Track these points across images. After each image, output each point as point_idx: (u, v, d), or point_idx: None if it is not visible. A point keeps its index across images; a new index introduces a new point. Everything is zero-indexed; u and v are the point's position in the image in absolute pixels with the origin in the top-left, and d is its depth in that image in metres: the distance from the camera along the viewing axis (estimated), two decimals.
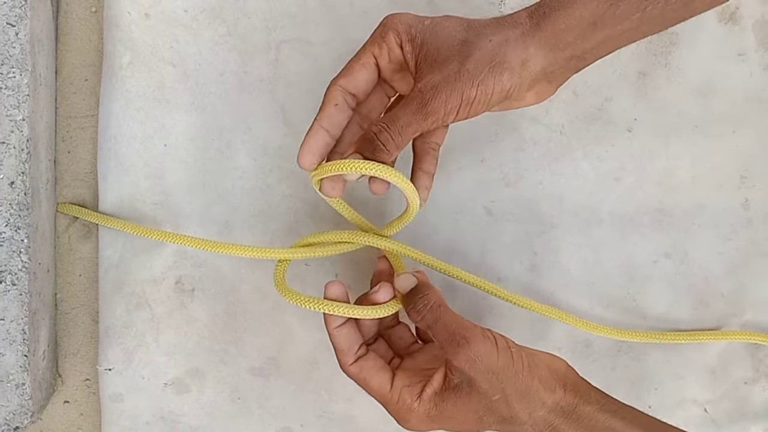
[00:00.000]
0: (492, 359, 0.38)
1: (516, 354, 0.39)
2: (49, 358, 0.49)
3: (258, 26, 0.48)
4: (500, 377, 0.38)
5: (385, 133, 0.38)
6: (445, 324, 0.39)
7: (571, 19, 0.36)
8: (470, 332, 0.38)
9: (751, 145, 0.50)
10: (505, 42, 0.37)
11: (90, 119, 0.49)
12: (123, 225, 0.47)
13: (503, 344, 0.39)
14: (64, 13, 0.49)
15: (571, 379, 0.40)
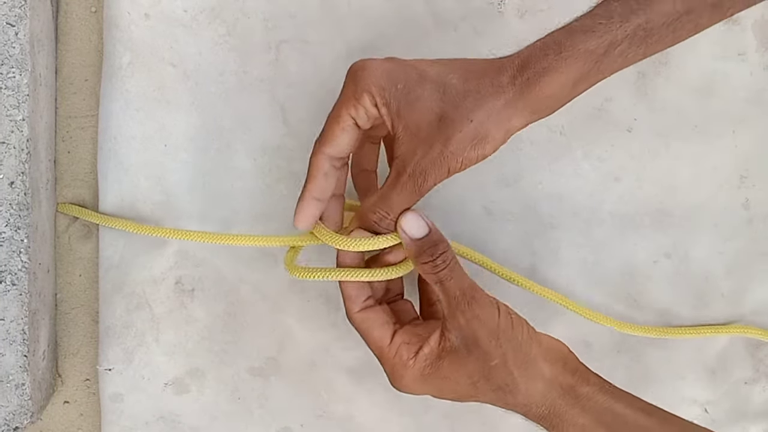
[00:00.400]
0: (494, 322, 0.38)
1: (517, 321, 0.39)
2: (48, 358, 0.49)
3: (258, 26, 0.48)
4: (501, 341, 0.38)
5: (386, 221, 0.40)
6: (457, 281, 0.39)
7: (556, 85, 0.37)
8: (478, 293, 0.39)
9: (751, 145, 0.50)
10: (487, 119, 0.37)
11: (90, 119, 0.49)
12: (123, 224, 0.47)
13: (506, 310, 0.39)
14: (63, 13, 0.49)
15: (571, 361, 0.40)
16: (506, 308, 0.40)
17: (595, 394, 0.39)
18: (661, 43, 0.37)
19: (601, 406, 0.39)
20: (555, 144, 0.49)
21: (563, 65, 0.36)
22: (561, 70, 0.36)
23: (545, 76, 0.36)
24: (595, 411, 0.39)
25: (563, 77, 0.36)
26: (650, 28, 0.36)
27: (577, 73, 0.36)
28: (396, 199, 0.39)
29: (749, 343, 0.52)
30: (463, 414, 0.51)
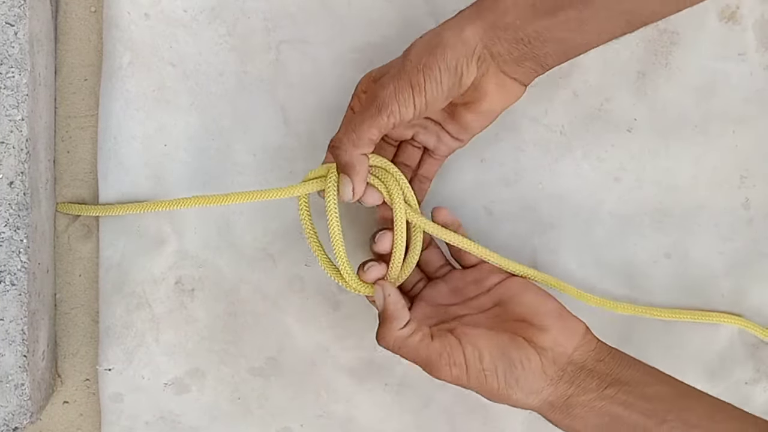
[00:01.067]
0: (463, 383, 0.40)
1: (490, 375, 0.39)
2: (48, 358, 0.49)
3: (258, 26, 0.48)
4: (478, 391, 0.40)
5: (338, 134, 0.40)
6: (413, 360, 0.40)
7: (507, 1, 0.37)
8: (436, 366, 0.39)
9: (751, 145, 0.50)
10: (440, 30, 0.39)
11: (89, 119, 0.49)
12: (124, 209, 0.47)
13: (476, 367, 0.39)
14: (63, 12, 0.49)
15: (574, 364, 0.40)
16: (478, 362, 0.39)
17: (590, 402, 0.39)
18: None
19: (596, 413, 0.39)
20: (555, 144, 0.49)
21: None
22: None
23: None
24: (588, 417, 0.39)
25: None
26: None
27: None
28: (358, 117, 0.39)
29: (749, 344, 0.52)
30: (463, 412, 0.51)
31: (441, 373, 0.39)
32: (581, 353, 0.40)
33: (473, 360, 0.39)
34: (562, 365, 0.40)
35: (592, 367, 0.40)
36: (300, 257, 0.50)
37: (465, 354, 0.39)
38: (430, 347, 0.39)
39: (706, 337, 0.51)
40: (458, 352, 0.39)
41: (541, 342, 0.40)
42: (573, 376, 0.40)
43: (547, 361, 0.39)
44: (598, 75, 0.49)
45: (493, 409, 0.51)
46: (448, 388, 0.50)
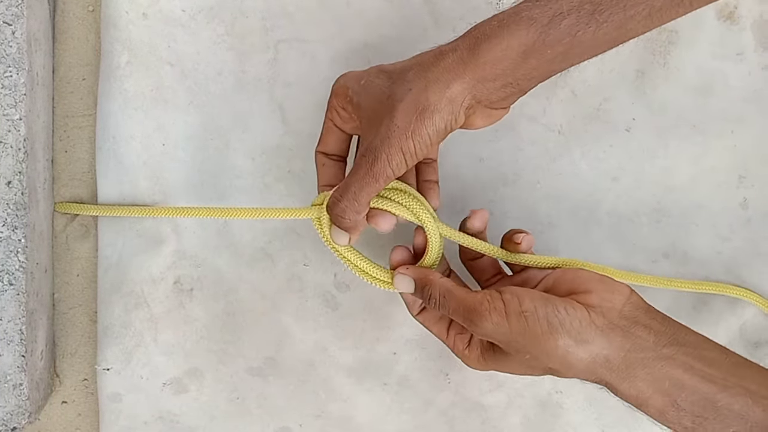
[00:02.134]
0: (504, 330, 0.37)
1: (531, 318, 0.37)
2: (46, 358, 0.49)
3: (256, 26, 0.48)
4: (520, 342, 0.38)
5: (340, 204, 0.40)
6: (455, 310, 0.39)
7: (498, 51, 0.36)
8: (476, 312, 0.38)
9: (749, 145, 0.50)
10: (426, 88, 0.37)
11: (87, 119, 0.49)
12: (122, 211, 0.47)
13: (515, 310, 0.37)
14: (61, 12, 0.49)
15: (626, 317, 0.38)
16: (517, 306, 0.38)
17: (649, 362, 0.37)
18: (612, 23, 0.36)
19: (655, 374, 0.37)
20: (553, 144, 0.49)
21: (505, 31, 0.36)
22: (502, 35, 0.36)
23: (485, 42, 0.36)
24: (648, 379, 0.37)
25: (505, 43, 0.36)
26: (598, 2, 0.35)
27: (521, 42, 0.36)
28: (354, 185, 0.39)
29: (749, 343, 0.52)
30: (462, 413, 0.51)
31: (482, 320, 0.38)
32: (631, 308, 0.38)
33: (513, 304, 0.38)
34: (612, 318, 0.38)
35: (646, 323, 0.38)
36: (299, 257, 0.50)
37: (504, 299, 0.38)
38: (471, 295, 0.39)
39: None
40: (498, 298, 0.38)
41: (587, 301, 0.38)
42: (627, 330, 0.38)
43: (595, 313, 0.38)
44: (596, 74, 0.49)
45: (492, 409, 0.51)
46: (447, 388, 0.51)
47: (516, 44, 0.36)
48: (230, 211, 0.46)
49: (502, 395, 0.51)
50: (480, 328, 0.38)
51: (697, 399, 0.37)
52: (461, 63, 0.37)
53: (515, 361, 0.39)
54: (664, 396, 0.37)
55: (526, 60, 0.36)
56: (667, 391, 0.37)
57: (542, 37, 0.36)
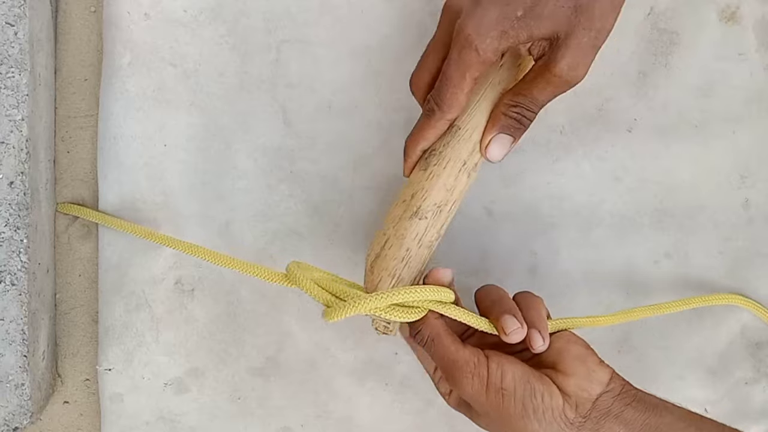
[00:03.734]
0: (481, 400, 0.38)
1: (508, 396, 0.38)
2: (48, 358, 0.49)
3: (258, 26, 0.48)
4: (492, 416, 0.39)
5: (529, 113, 0.41)
6: (438, 358, 0.39)
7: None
8: (459, 371, 0.38)
9: (751, 145, 0.50)
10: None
11: (89, 119, 0.49)
12: (123, 225, 0.47)
13: (496, 384, 0.38)
14: (63, 12, 0.49)
15: (598, 410, 0.38)
16: (498, 380, 0.38)
17: (612, 427, 0.38)
18: None
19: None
20: (555, 144, 0.49)
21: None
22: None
23: None
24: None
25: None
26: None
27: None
28: (541, 94, 0.39)
29: (749, 344, 0.52)
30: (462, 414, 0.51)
31: (462, 382, 0.38)
32: (606, 399, 0.39)
33: (495, 376, 0.38)
34: (584, 412, 0.38)
35: (618, 413, 0.38)
36: (300, 257, 0.50)
37: (489, 368, 0.38)
38: (459, 351, 0.39)
39: (706, 337, 0.51)
40: (483, 365, 0.38)
41: (564, 387, 0.39)
42: (597, 423, 0.38)
43: (569, 405, 0.38)
44: (598, 75, 0.49)
45: None
46: None
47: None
48: (231, 262, 0.43)
49: None
50: (459, 387, 0.39)
51: None
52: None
53: (488, 425, 0.40)
54: None
55: None
56: None
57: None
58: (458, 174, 0.40)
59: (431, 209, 0.40)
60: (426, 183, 0.40)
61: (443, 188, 0.40)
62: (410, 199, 0.40)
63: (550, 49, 0.38)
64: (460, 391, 0.39)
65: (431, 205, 0.40)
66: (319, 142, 0.49)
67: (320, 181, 0.49)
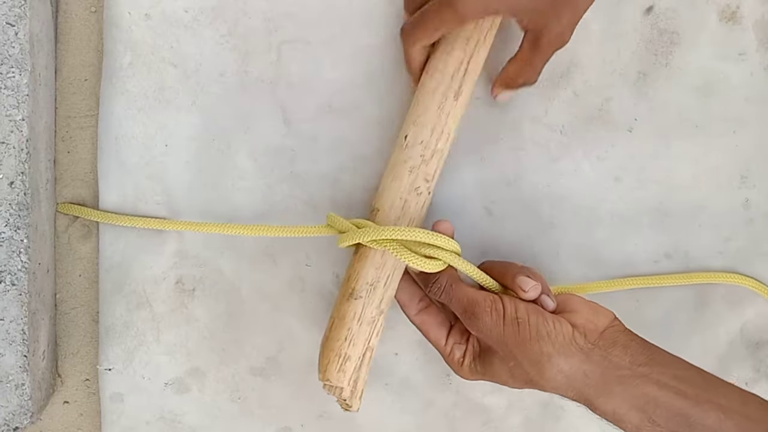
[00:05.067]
0: (498, 331, 0.41)
1: (523, 323, 0.41)
2: (48, 358, 0.49)
3: (259, 26, 0.48)
4: (509, 346, 0.41)
5: (531, 80, 0.45)
6: (458, 300, 0.42)
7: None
8: (479, 307, 0.42)
9: (751, 145, 0.50)
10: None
11: (90, 119, 0.49)
12: (124, 220, 0.47)
13: (511, 315, 0.41)
14: (63, 12, 0.49)
15: (606, 339, 0.41)
16: (513, 311, 0.41)
17: (626, 379, 0.39)
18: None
19: (631, 391, 0.39)
20: (555, 144, 0.49)
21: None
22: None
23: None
24: (624, 395, 0.39)
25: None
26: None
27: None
28: (539, 62, 0.44)
29: (750, 343, 0.52)
30: (464, 414, 0.51)
31: (482, 316, 0.41)
32: (612, 331, 0.41)
33: (510, 309, 0.41)
34: (593, 340, 0.40)
35: (625, 344, 0.41)
36: (301, 257, 0.50)
37: (504, 303, 0.42)
38: (477, 292, 0.43)
39: (706, 337, 0.51)
40: (499, 301, 0.42)
41: (573, 320, 0.41)
42: (605, 349, 0.40)
43: (578, 332, 0.41)
44: (598, 75, 0.49)
45: (494, 410, 0.51)
46: (449, 389, 0.51)
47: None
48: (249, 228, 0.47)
49: (504, 396, 0.51)
50: (479, 322, 0.41)
51: (671, 415, 0.39)
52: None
53: (501, 368, 0.42)
54: (639, 412, 0.39)
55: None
56: (643, 407, 0.39)
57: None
58: (384, 251, 0.43)
59: (364, 288, 0.43)
60: (357, 264, 0.44)
61: (372, 267, 0.43)
62: (346, 282, 0.44)
63: (536, 21, 0.41)
64: (480, 326, 0.41)
65: (364, 284, 0.43)
66: (319, 142, 0.49)
67: (320, 181, 0.49)
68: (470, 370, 0.44)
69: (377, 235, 0.42)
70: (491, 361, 0.42)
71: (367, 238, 0.42)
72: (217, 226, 0.47)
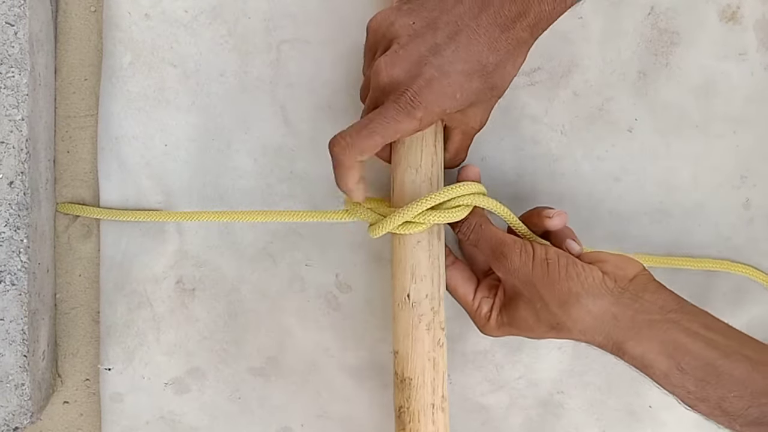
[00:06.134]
0: (527, 270, 0.41)
1: (552, 264, 0.41)
2: (48, 358, 0.49)
3: (258, 26, 0.48)
4: (537, 286, 0.40)
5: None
6: (487, 241, 0.43)
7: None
8: (508, 247, 0.42)
9: (751, 145, 0.50)
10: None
11: (89, 119, 0.49)
12: (125, 215, 0.47)
13: (541, 256, 0.41)
14: (63, 12, 0.49)
15: (636, 284, 0.40)
16: (543, 253, 0.41)
17: (656, 324, 0.39)
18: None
19: (661, 336, 0.39)
20: (556, 143, 0.49)
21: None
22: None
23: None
24: (654, 340, 0.39)
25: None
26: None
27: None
28: (468, 146, 0.45)
29: None
30: (463, 414, 0.51)
31: (511, 256, 0.41)
32: (642, 278, 0.41)
33: (539, 251, 0.41)
34: (623, 284, 0.40)
35: (654, 290, 0.40)
36: (300, 257, 0.50)
37: (533, 246, 0.42)
38: (506, 234, 0.43)
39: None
40: (528, 244, 0.42)
41: (602, 267, 0.41)
42: (635, 294, 0.40)
43: (608, 277, 0.40)
44: (598, 75, 0.49)
45: (493, 410, 0.51)
46: (449, 389, 0.51)
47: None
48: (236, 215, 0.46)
49: (504, 396, 0.51)
50: (507, 261, 0.41)
51: (700, 364, 0.38)
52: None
53: (528, 313, 0.41)
54: (668, 359, 0.38)
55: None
56: (672, 353, 0.38)
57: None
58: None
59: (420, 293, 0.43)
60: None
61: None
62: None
63: (462, 113, 0.41)
64: (508, 266, 0.41)
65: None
66: (319, 142, 0.49)
67: (320, 181, 0.49)
68: (497, 323, 0.43)
69: (412, 212, 0.41)
70: (517, 306, 0.42)
71: (400, 220, 0.41)
72: (238, 214, 0.47)
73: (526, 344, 0.50)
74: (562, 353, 0.50)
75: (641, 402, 0.51)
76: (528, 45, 0.40)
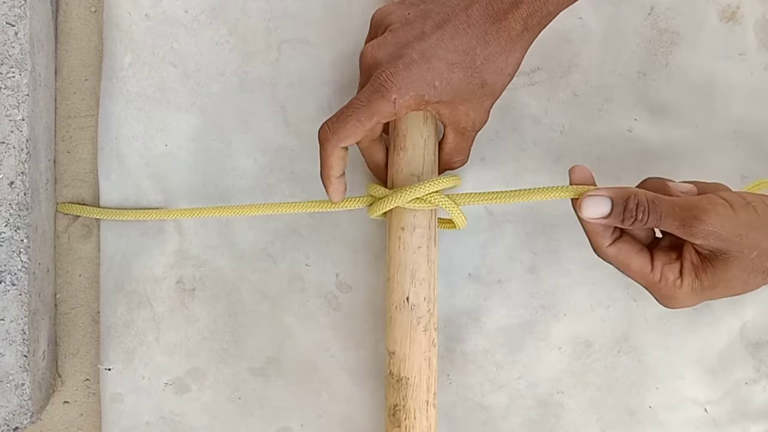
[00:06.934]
0: (732, 222, 0.36)
1: (761, 207, 0.37)
2: (48, 358, 0.49)
3: (259, 26, 0.48)
4: (749, 235, 0.36)
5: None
6: (668, 213, 0.37)
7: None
8: (698, 209, 0.37)
9: (751, 145, 0.50)
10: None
11: (89, 119, 0.49)
12: (125, 214, 0.47)
13: (740, 202, 0.37)
14: (63, 12, 0.49)
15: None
16: (740, 199, 0.37)
17: None
18: None
19: None
20: (556, 143, 0.49)
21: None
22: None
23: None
24: None
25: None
26: None
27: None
28: (467, 146, 0.45)
29: (750, 343, 0.52)
30: (463, 414, 0.51)
31: (708, 216, 0.36)
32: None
33: (736, 198, 0.37)
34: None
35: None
36: (300, 257, 0.50)
37: (723, 196, 0.37)
38: (684, 198, 0.38)
39: (706, 337, 0.51)
40: (716, 196, 0.38)
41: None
42: None
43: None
44: (598, 75, 0.49)
45: (493, 410, 0.51)
46: (448, 388, 0.51)
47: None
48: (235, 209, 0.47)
49: (504, 396, 0.51)
50: (704, 224, 0.36)
51: None
52: None
53: (738, 268, 0.37)
54: None
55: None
56: None
57: None
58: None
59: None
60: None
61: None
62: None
63: (451, 108, 0.41)
64: (707, 228, 0.36)
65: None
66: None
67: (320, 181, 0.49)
68: (692, 289, 0.39)
69: (422, 190, 0.42)
70: (725, 266, 0.37)
71: (410, 196, 0.42)
72: (236, 208, 0.47)
73: (526, 344, 0.50)
74: (562, 353, 0.50)
75: (641, 402, 0.51)
76: (523, 40, 0.39)
